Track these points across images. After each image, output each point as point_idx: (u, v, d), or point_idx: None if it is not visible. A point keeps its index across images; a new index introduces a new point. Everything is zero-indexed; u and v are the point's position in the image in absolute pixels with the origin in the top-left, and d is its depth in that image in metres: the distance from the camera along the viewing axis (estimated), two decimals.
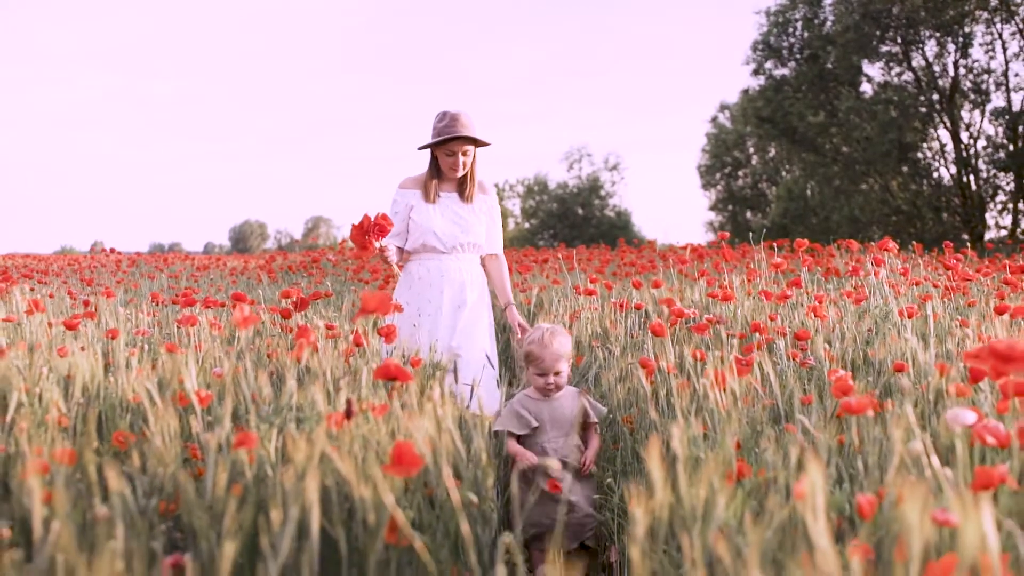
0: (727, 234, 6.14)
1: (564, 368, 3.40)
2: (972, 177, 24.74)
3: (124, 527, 1.71)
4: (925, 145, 25.75)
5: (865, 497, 1.62)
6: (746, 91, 28.63)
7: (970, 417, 1.70)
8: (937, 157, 25.81)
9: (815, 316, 3.86)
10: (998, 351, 1.52)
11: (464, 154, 4.00)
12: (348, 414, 2.03)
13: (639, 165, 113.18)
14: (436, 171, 4.10)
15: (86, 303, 6.30)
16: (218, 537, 1.84)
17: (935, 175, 25.90)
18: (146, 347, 4.03)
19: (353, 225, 3.68)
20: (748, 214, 38.79)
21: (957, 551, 1.28)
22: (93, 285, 8.92)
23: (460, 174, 4.05)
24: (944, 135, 25.39)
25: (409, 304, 4.00)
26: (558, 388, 3.42)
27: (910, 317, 3.63)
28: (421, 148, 4.07)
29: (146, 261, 14.88)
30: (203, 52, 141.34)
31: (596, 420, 3.44)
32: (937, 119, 24.99)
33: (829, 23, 25.28)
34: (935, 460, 1.65)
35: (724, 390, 2.75)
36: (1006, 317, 3.80)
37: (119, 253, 13.96)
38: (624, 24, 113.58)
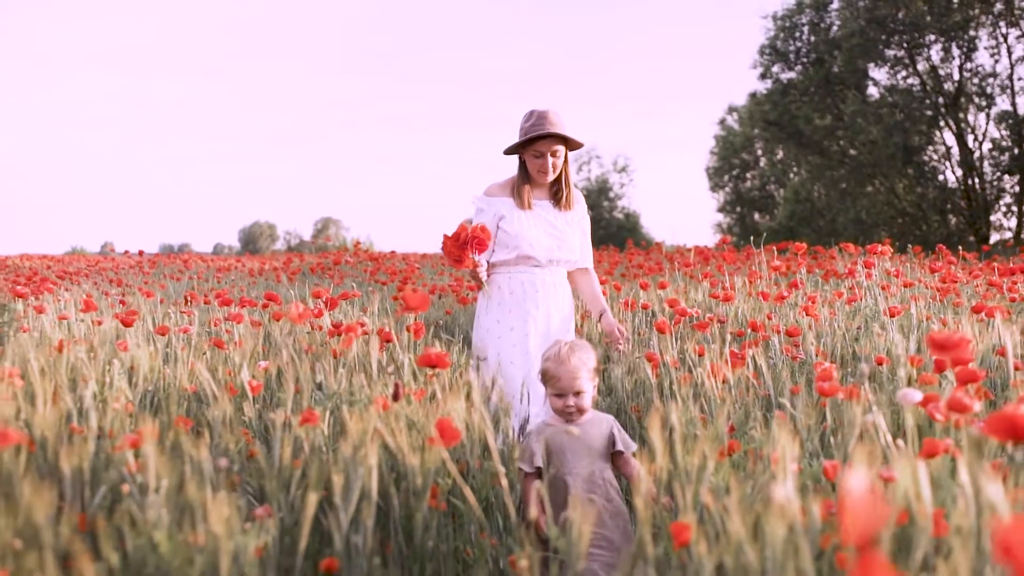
0: (729, 238, 6.47)
1: (587, 387, 2.90)
2: (977, 180, 25.01)
3: (211, 487, 2.06)
4: (931, 148, 26.02)
5: (830, 463, 1.95)
6: (753, 94, 28.92)
7: (917, 396, 2.03)
8: (943, 160, 26.09)
9: (806, 315, 4.20)
10: (936, 340, 1.85)
11: (554, 155, 3.65)
12: (396, 396, 2.37)
13: (648, 166, 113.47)
14: (525, 176, 3.75)
15: (123, 302, 6.67)
16: (286, 498, 2.19)
17: (940, 178, 26.18)
18: (193, 343, 4.38)
19: (446, 236, 3.43)
20: (756, 216, 39.04)
21: (894, 496, 1.62)
22: (123, 286, 9.29)
23: (550, 178, 3.70)
24: (950, 138, 25.69)
25: (500, 322, 3.68)
26: (580, 412, 2.89)
27: (893, 316, 3.96)
28: (507, 152, 3.77)
29: (164, 262, 15.29)
30: (210, 52, 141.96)
31: (624, 450, 2.91)
32: (942, 122, 25.26)
33: (835, 28, 25.56)
34: (887, 433, 1.99)
35: (721, 380, 3.10)
36: (982, 316, 4.12)
37: (143, 254, 14.34)
38: (632, 24, 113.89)
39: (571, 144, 3.70)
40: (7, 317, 4.69)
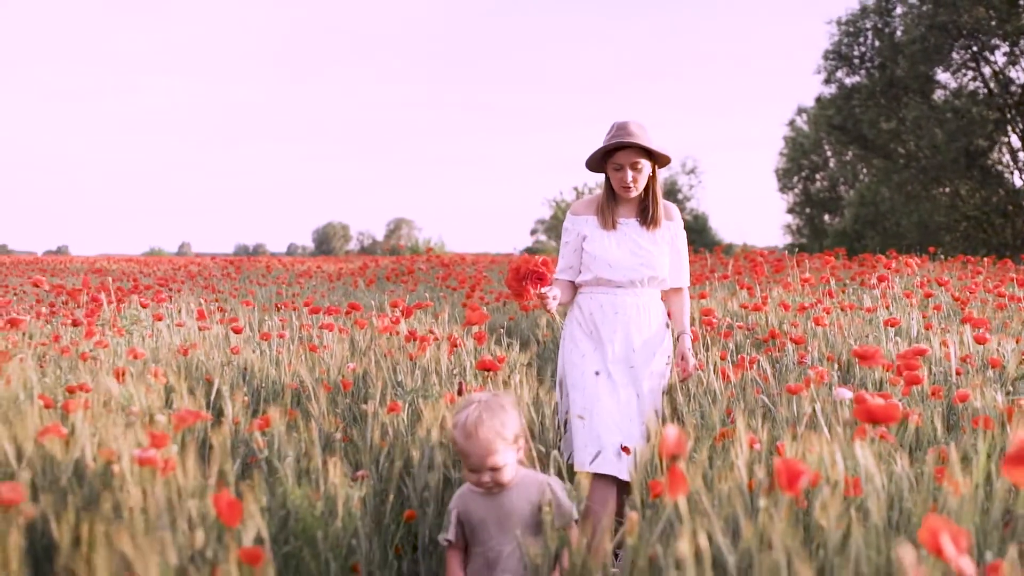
0: (764, 252, 7.07)
1: (505, 460, 2.43)
2: None
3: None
4: (996, 151, 26.01)
5: (781, 442, 2.60)
6: (819, 98, 29.17)
7: (848, 394, 2.65)
8: (1008, 163, 26.07)
9: (816, 324, 4.81)
10: (857, 352, 2.47)
11: (634, 168, 3.42)
12: (459, 392, 3.09)
13: (717, 167, 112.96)
14: (611, 193, 3.54)
15: (221, 309, 7.51)
16: (376, 469, 2.92)
17: (1006, 181, 26.16)
18: (290, 347, 5.14)
19: (510, 267, 3.37)
20: (826, 217, 39.10)
21: (811, 464, 2.27)
22: (216, 292, 10.19)
23: (632, 193, 3.47)
24: (1015, 141, 25.65)
25: (578, 346, 3.48)
26: (498, 485, 2.44)
27: (891, 326, 4.55)
28: (589, 167, 3.56)
29: (247, 266, 16.32)
30: (285, 56, 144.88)
31: (559, 522, 2.42)
32: (1007, 126, 25.24)
33: (899, 32, 25.70)
34: (821, 420, 2.63)
35: (725, 381, 3.76)
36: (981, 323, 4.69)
37: (232, 262, 15.31)
38: (702, 26, 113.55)
39: (657, 159, 3.49)
40: (135, 325, 5.52)
